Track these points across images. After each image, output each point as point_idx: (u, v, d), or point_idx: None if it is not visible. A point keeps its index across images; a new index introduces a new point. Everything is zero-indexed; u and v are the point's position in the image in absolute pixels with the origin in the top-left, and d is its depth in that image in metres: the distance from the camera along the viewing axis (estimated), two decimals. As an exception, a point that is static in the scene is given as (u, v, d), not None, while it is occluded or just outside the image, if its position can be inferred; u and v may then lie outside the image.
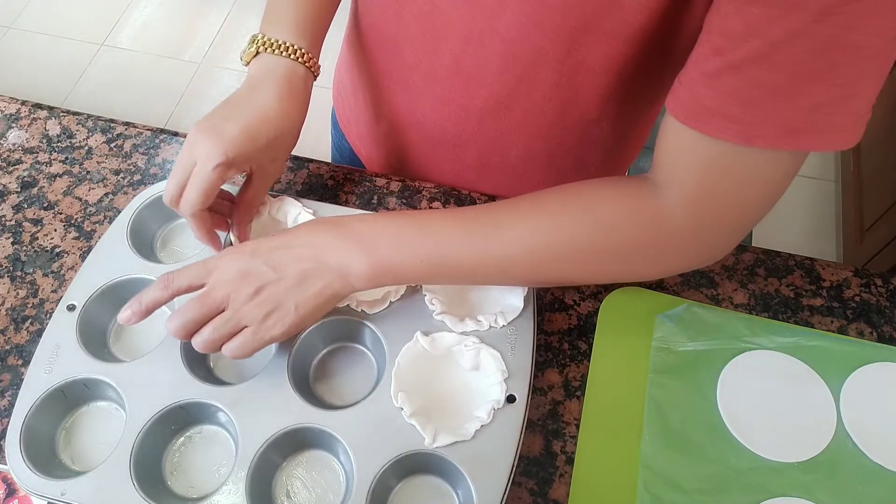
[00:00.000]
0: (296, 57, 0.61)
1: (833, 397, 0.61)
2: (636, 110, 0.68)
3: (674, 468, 0.58)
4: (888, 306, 0.67)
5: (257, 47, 0.62)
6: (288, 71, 0.61)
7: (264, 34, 0.62)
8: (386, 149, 0.82)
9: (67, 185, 0.76)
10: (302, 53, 0.62)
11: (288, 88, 0.60)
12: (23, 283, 0.69)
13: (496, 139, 0.70)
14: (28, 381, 0.57)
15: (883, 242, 1.54)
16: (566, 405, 0.62)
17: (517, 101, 0.64)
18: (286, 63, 0.61)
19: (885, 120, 1.66)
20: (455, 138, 0.72)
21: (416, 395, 0.57)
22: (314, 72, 0.64)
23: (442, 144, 0.74)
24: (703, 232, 0.53)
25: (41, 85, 2.29)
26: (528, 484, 0.58)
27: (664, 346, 0.63)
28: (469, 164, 0.75)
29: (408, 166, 0.81)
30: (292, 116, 0.61)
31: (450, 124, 0.70)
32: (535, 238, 0.54)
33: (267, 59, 0.61)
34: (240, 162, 0.57)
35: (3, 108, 0.83)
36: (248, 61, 0.63)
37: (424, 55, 0.65)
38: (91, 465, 0.56)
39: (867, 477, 0.57)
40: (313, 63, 0.63)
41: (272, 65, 0.61)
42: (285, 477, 0.56)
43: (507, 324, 0.60)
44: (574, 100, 0.62)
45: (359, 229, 0.55)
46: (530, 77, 0.61)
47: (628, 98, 0.63)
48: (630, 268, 0.56)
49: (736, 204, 0.51)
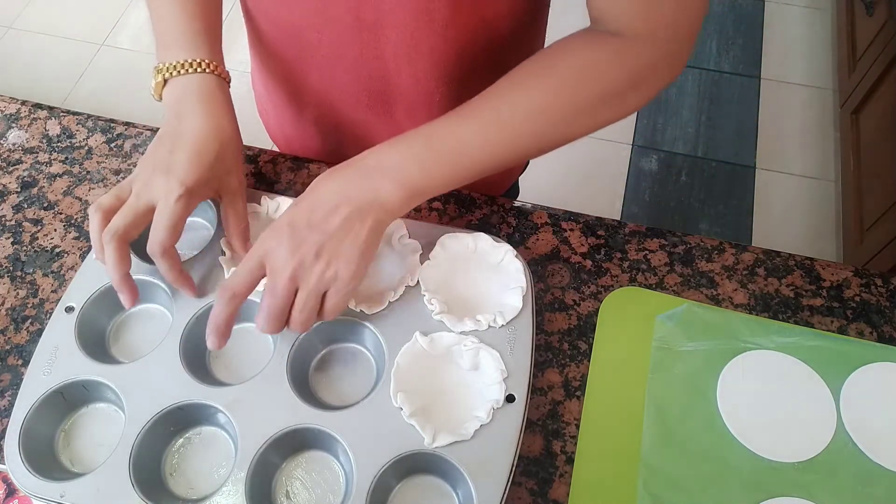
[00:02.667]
0: (202, 69, 0.62)
1: (833, 397, 0.61)
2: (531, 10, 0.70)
3: (674, 468, 0.58)
4: (888, 306, 0.67)
5: (163, 76, 0.62)
6: (201, 86, 0.62)
7: (163, 61, 0.63)
8: (319, 137, 0.82)
9: (67, 185, 0.76)
10: (207, 64, 0.62)
11: (209, 101, 0.61)
12: (23, 283, 0.69)
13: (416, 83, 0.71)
14: (27, 383, 0.57)
15: (883, 242, 1.54)
16: (566, 405, 0.62)
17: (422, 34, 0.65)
18: (195, 79, 0.62)
19: (884, 120, 1.66)
20: (380, 95, 0.73)
21: (416, 395, 0.57)
22: (224, 77, 0.64)
23: (370, 109, 0.75)
24: (669, 53, 0.59)
25: (41, 85, 2.29)
26: (528, 484, 0.58)
27: (664, 346, 0.63)
28: (401, 120, 0.75)
29: (344, 146, 0.82)
30: (225, 126, 0.62)
31: (371, 81, 0.71)
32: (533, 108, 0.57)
33: (176, 82, 0.62)
34: (198, 188, 0.58)
35: (3, 108, 0.83)
36: (159, 93, 0.64)
37: (324, 24, 0.66)
38: (90, 467, 0.56)
39: (867, 477, 0.57)
40: (219, 69, 0.64)
41: (183, 86, 0.62)
42: (285, 478, 0.56)
43: (506, 323, 0.60)
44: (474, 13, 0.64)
45: (373, 163, 0.56)
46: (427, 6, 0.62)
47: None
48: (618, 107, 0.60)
49: (685, 20, 0.58)
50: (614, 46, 0.58)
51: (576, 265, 0.70)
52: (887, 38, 1.69)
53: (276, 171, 0.77)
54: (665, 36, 0.58)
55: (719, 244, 0.71)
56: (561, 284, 0.68)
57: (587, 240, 0.71)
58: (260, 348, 0.62)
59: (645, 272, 0.69)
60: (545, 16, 0.78)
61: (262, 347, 0.62)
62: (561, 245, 0.71)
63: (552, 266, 0.70)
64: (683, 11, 0.57)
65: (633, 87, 0.59)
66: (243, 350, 0.62)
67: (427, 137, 0.57)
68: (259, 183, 0.76)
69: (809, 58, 2.24)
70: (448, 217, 0.73)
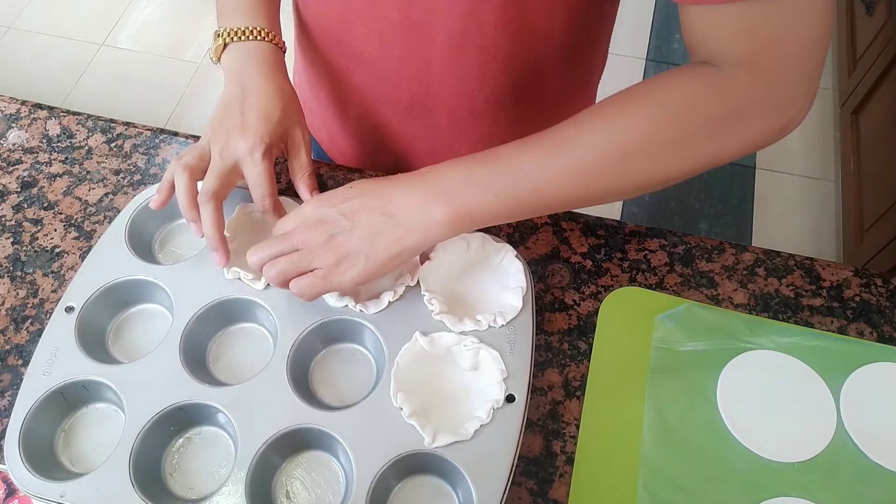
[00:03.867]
0: (262, 37, 0.65)
1: (833, 397, 0.61)
2: (588, 14, 0.68)
3: (674, 468, 0.58)
4: (888, 306, 0.67)
5: (224, 39, 0.65)
6: (260, 52, 0.65)
7: (224, 26, 0.65)
8: (359, 137, 0.83)
9: (67, 185, 0.76)
10: (266, 33, 0.65)
11: (268, 67, 0.65)
12: (23, 283, 0.69)
13: (461, 88, 0.71)
14: (27, 383, 0.57)
15: (883, 242, 1.54)
16: (566, 405, 0.62)
17: (470, 38, 0.64)
18: (255, 46, 0.65)
19: (884, 120, 1.66)
20: (422, 98, 0.73)
21: (416, 395, 0.57)
22: (281, 46, 0.67)
23: (411, 111, 0.75)
24: (774, 86, 0.51)
25: (41, 85, 2.29)
26: (528, 484, 0.58)
27: (664, 346, 0.63)
28: (442, 125, 0.75)
29: (384, 147, 0.82)
30: (286, 88, 0.65)
31: (415, 83, 0.71)
32: (603, 141, 0.52)
33: (236, 48, 0.65)
34: (274, 142, 0.62)
35: (3, 108, 0.83)
36: (218, 56, 0.66)
37: (373, 21, 0.66)
38: (90, 467, 0.56)
39: (867, 477, 0.57)
40: (277, 39, 0.67)
41: (244, 52, 0.65)
42: (285, 478, 0.56)
43: (506, 323, 0.60)
44: (524, 20, 0.63)
45: (428, 177, 0.56)
46: (477, 9, 0.61)
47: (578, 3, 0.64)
48: (709, 147, 0.53)
49: (793, 47, 0.49)
50: (714, 77, 0.51)
51: (576, 265, 0.70)
52: (887, 38, 1.69)
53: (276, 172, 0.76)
54: (770, 65, 0.50)
55: (719, 244, 0.71)
56: (561, 284, 0.68)
57: (587, 240, 0.71)
58: (260, 348, 0.62)
59: (645, 272, 0.69)
60: (603, 45, 0.77)
61: (262, 347, 0.62)
62: (561, 245, 0.71)
63: (552, 266, 0.70)
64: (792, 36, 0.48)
65: (732, 123, 0.52)
66: (243, 350, 0.62)
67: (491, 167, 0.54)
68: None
69: (809, 58, 2.23)
70: (448, 217, 0.73)
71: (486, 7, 0.61)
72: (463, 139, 0.77)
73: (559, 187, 0.54)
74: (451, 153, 0.77)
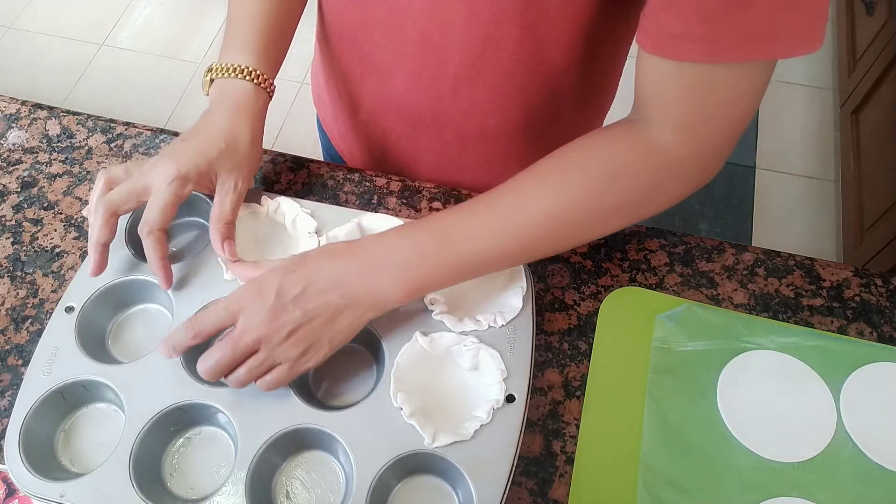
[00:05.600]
0: (251, 78, 0.65)
1: (833, 397, 0.61)
2: (603, 54, 0.69)
3: (674, 468, 0.58)
4: (888, 306, 0.67)
5: (211, 75, 0.66)
6: (237, 92, 0.65)
7: (220, 62, 0.66)
8: (367, 140, 0.83)
9: (67, 185, 0.76)
10: (257, 75, 0.65)
11: (238, 107, 0.64)
12: (23, 283, 0.69)
13: (471, 108, 0.71)
14: (27, 383, 0.57)
15: (883, 242, 1.54)
16: (566, 405, 0.62)
17: (486, 62, 0.65)
18: (236, 85, 0.65)
19: (884, 120, 1.66)
20: (432, 113, 0.73)
21: (416, 395, 0.57)
22: (266, 88, 0.66)
23: (420, 124, 0.75)
24: (699, 156, 0.56)
25: (41, 85, 2.29)
26: (528, 484, 0.58)
27: (664, 346, 0.63)
28: (449, 140, 0.75)
29: (390, 154, 0.82)
30: (240, 132, 0.63)
31: (426, 98, 0.71)
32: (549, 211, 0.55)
33: (221, 83, 0.65)
34: (193, 176, 0.60)
35: (3, 108, 0.83)
36: (207, 90, 0.66)
37: (391, 33, 0.66)
38: (90, 467, 0.56)
39: (867, 477, 0.57)
40: (264, 80, 0.66)
41: (225, 89, 0.65)
42: (285, 478, 0.56)
43: (506, 323, 0.60)
44: (540, 53, 0.63)
45: (378, 254, 0.55)
46: (495, 36, 0.62)
47: (593, 42, 0.64)
48: (639, 211, 0.58)
49: (724, 121, 0.53)
50: (648, 146, 0.55)
51: (576, 265, 0.70)
52: (887, 38, 1.69)
53: (276, 172, 0.77)
54: (705, 133, 0.54)
55: (719, 244, 0.71)
56: (561, 284, 0.68)
57: (587, 240, 0.71)
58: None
59: (645, 272, 0.69)
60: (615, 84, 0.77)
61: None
62: (561, 245, 0.71)
63: (552, 266, 0.70)
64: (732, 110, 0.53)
65: (662, 188, 0.57)
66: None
67: (440, 233, 0.56)
68: (259, 183, 0.76)
69: (809, 58, 2.23)
70: (448, 217, 0.73)
71: (504, 36, 0.61)
72: (469, 156, 0.77)
73: (508, 256, 0.57)
74: (456, 168, 0.77)
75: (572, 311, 0.67)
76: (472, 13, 0.60)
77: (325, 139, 0.94)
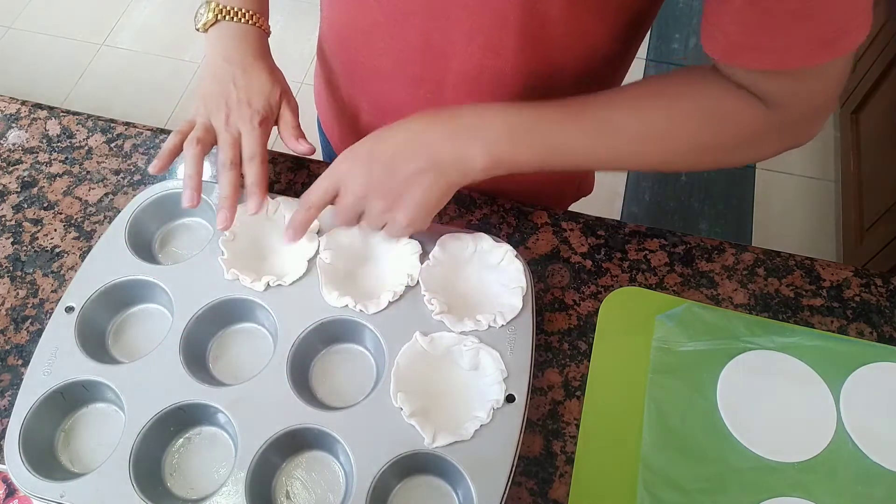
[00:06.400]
0: (251, 21, 0.68)
1: (833, 397, 0.61)
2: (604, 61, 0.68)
3: (674, 468, 0.58)
4: (888, 306, 0.67)
5: (216, 15, 0.69)
6: (249, 35, 0.69)
7: (217, 2, 0.69)
8: None
9: (67, 185, 0.76)
10: (257, 18, 0.69)
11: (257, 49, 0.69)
12: (23, 283, 0.69)
13: None
14: (27, 383, 0.57)
15: (883, 242, 1.54)
16: (566, 405, 0.62)
17: (487, 71, 0.65)
18: (244, 29, 0.68)
19: (884, 120, 1.66)
20: None
21: (416, 395, 0.57)
22: (266, 31, 0.71)
23: None
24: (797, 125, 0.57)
25: (41, 85, 2.29)
26: (528, 484, 0.58)
27: (664, 346, 0.63)
28: None
29: None
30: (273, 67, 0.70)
31: (427, 104, 0.71)
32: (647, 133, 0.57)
33: (226, 26, 0.68)
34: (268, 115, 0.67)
35: (3, 108, 0.83)
36: (206, 28, 0.69)
37: (392, 38, 0.67)
38: (90, 467, 0.56)
39: (867, 477, 0.57)
40: (264, 24, 0.71)
41: (233, 32, 0.68)
42: (285, 478, 0.56)
43: (506, 324, 0.60)
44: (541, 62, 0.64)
45: (472, 122, 0.58)
46: (495, 44, 0.62)
47: (594, 51, 0.64)
48: (730, 157, 0.59)
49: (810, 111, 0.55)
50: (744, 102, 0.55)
51: (576, 265, 0.70)
52: (887, 38, 1.69)
53: (276, 172, 0.77)
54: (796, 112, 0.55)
55: (719, 244, 0.71)
56: (561, 284, 0.68)
57: (587, 240, 0.71)
58: (260, 348, 0.62)
59: (645, 272, 0.69)
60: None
61: (262, 347, 0.62)
62: (561, 245, 0.71)
63: (552, 266, 0.70)
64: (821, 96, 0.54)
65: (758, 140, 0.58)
66: (243, 350, 0.62)
67: (535, 120, 0.57)
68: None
69: (809, 58, 2.23)
70: (448, 217, 0.73)
71: (504, 44, 0.61)
72: None
73: (596, 160, 0.60)
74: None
75: (572, 311, 0.67)
76: (473, 20, 0.60)
77: (326, 140, 0.94)
